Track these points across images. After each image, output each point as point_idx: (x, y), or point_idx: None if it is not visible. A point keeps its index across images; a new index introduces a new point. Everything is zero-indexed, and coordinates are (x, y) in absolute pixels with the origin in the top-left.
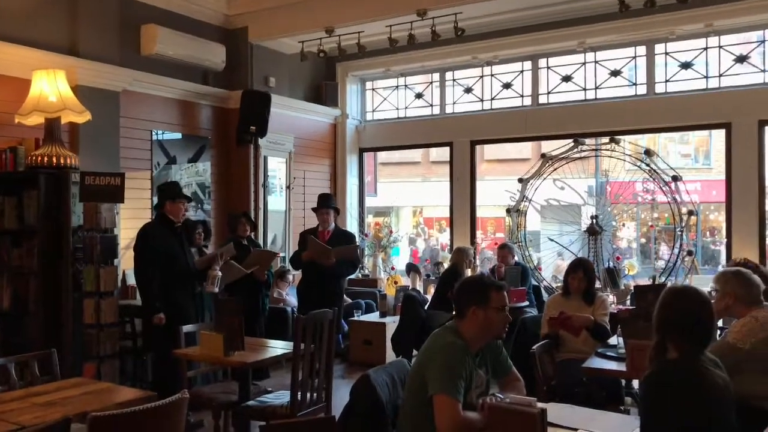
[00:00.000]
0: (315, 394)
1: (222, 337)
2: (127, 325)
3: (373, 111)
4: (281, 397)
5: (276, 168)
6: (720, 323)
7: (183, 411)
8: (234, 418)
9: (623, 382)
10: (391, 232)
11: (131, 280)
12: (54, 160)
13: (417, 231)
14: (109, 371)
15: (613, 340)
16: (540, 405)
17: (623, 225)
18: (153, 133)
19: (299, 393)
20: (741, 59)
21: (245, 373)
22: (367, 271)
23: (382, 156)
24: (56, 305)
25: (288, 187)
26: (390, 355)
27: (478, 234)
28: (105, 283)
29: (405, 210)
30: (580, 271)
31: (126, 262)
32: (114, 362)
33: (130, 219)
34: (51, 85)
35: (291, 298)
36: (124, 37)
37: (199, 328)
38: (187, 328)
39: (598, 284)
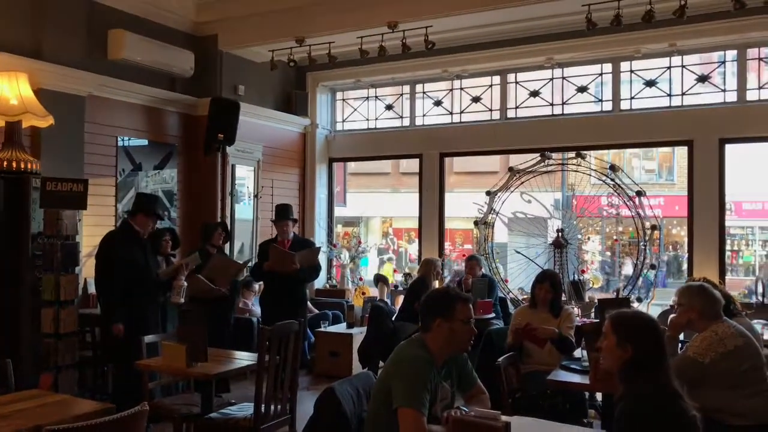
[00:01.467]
0: (279, 407)
1: (185, 348)
2: (87, 334)
3: (344, 121)
4: (245, 409)
5: (244, 176)
6: (681, 336)
7: (142, 424)
8: (196, 431)
9: (587, 394)
10: (359, 242)
11: (92, 289)
12: (14, 164)
13: (386, 242)
14: (67, 382)
15: (577, 352)
16: (505, 418)
17: (588, 238)
18: (119, 139)
19: (263, 405)
20: (703, 79)
21: (208, 385)
22: (334, 282)
23: (352, 166)
24: (13, 314)
25: (256, 196)
26: (357, 367)
27: (447, 246)
28: (65, 291)
29: (374, 221)
30: (546, 282)
31: (87, 270)
32: (72, 373)
33: (94, 226)
34: (12, 88)
35: (256, 309)
36: (91, 41)
37: (162, 338)
38: (148, 338)
39: (564, 297)
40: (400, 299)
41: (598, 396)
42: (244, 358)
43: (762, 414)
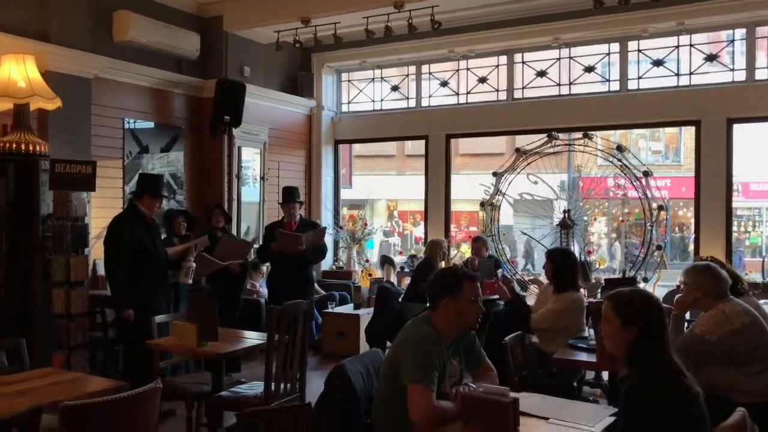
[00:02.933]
0: (289, 385)
1: (195, 328)
2: (97, 315)
3: (349, 103)
4: (255, 387)
5: (250, 159)
6: (687, 316)
7: (156, 401)
8: (207, 409)
9: (584, 373)
10: (366, 224)
11: (101, 270)
12: (23, 147)
13: (391, 224)
14: (79, 361)
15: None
16: (512, 394)
17: (595, 220)
18: (125, 121)
19: (273, 384)
20: (711, 58)
21: (218, 364)
22: (341, 264)
23: (357, 149)
24: (25, 294)
25: (262, 178)
26: (363, 347)
27: (452, 228)
28: (75, 272)
29: (380, 203)
30: (548, 261)
31: (96, 252)
32: (83, 352)
33: (101, 208)
34: (20, 71)
35: (264, 290)
36: (97, 23)
37: (172, 318)
38: (159, 318)
39: None
40: (406, 280)
41: (605, 375)
42: (253, 338)
43: (766, 391)
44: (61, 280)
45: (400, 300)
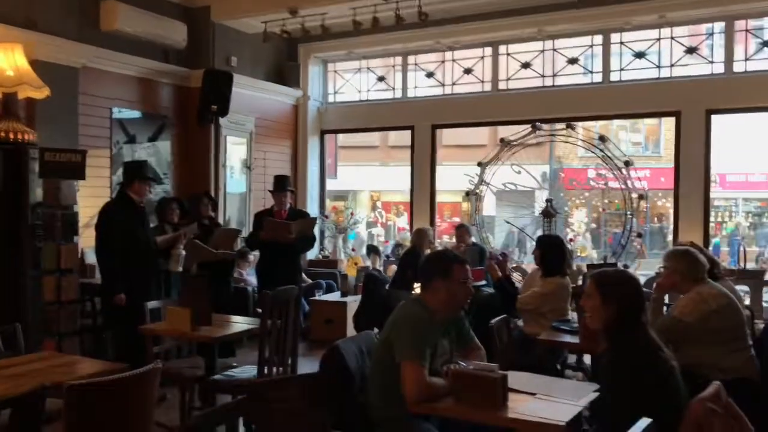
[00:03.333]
0: (281, 368)
1: (189, 312)
2: (87, 303)
3: (335, 93)
4: (247, 371)
5: (237, 148)
6: (666, 299)
7: (156, 381)
8: (201, 392)
9: (567, 356)
10: (352, 214)
11: (90, 259)
12: (11, 135)
13: (375, 215)
14: (70, 348)
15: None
16: (501, 372)
17: (576, 209)
18: (113, 110)
19: (266, 367)
20: (691, 50)
21: (211, 349)
22: (327, 253)
23: (341, 139)
24: (16, 282)
25: (249, 168)
26: (351, 333)
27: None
28: (65, 260)
29: (363, 194)
30: (537, 247)
31: (85, 241)
32: (74, 339)
33: (89, 197)
34: (8, 59)
35: (251, 278)
36: (84, 12)
37: (164, 304)
38: (151, 304)
39: None
40: (392, 268)
41: (586, 359)
42: (245, 323)
43: (742, 369)
44: (51, 267)
45: (387, 287)
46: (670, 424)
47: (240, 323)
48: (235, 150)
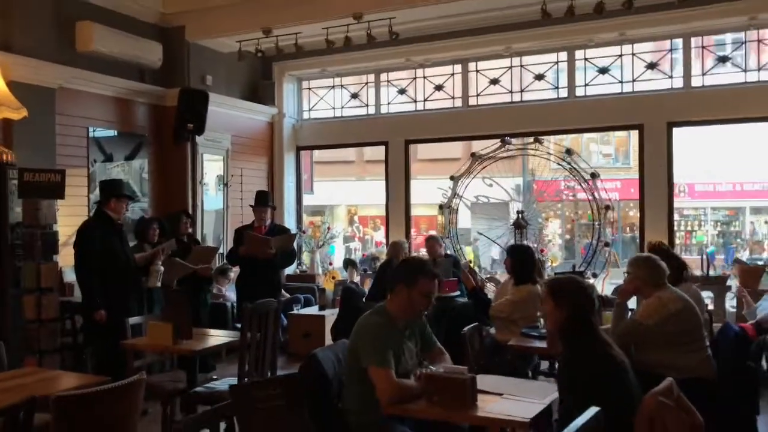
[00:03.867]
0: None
1: (171, 326)
2: (67, 321)
3: (310, 110)
4: (227, 383)
5: (213, 165)
6: (633, 304)
7: (140, 393)
8: (182, 404)
9: (538, 362)
10: (329, 229)
11: (69, 277)
12: None
13: (352, 230)
14: (50, 365)
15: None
16: (470, 374)
17: (547, 220)
18: (89, 130)
19: (245, 379)
20: (652, 66)
21: (193, 362)
22: (305, 267)
23: (317, 155)
24: None
25: (225, 185)
26: None
27: (412, 232)
28: (45, 279)
29: (339, 209)
30: (508, 256)
31: (63, 259)
32: (55, 356)
33: (68, 216)
34: None
35: (230, 294)
36: (60, 33)
37: (146, 319)
38: (133, 320)
39: None
40: (368, 282)
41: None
42: (225, 336)
43: (698, 369)
44: (31, 286)
45: (364, 300)
46: (624, 417)
47: (220, 336)
48: (211, 167)
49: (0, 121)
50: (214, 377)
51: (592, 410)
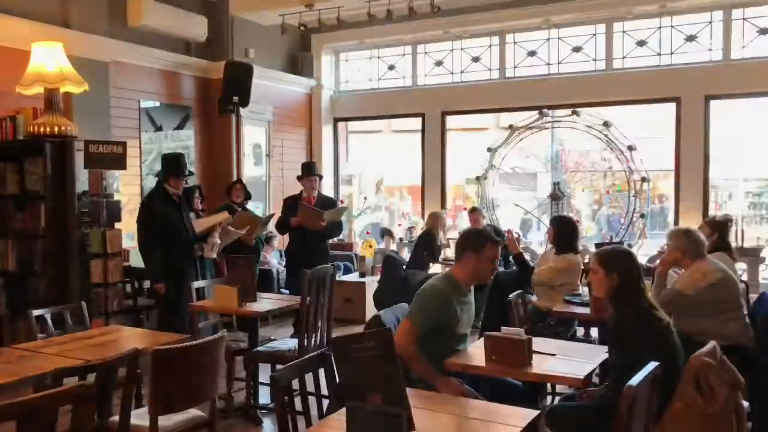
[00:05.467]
0: (318, 340)
1: (237, 290)
2: (127, 284)
3: (347, 82)
4: (286, 344)
5: (256, 137)
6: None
7: (222, 348)
8: (245, 363)
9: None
10: (365, 199)
11: (126, 243)
12: (56, 129)
13: (380, 199)
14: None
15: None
16: (526, 336)
17: (582, 190)
18: (140, 102)
19: (305, 339)
20: (690, 38)
21: (254, 324)
22: (342, 236)
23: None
24: (63, 265)
25: (268, 156)
26: (370, 311)
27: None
28: (111, 244)
29: (367, 179)
30: (551, 226)
31: (122, 227)
32: (119, 318)
33: (123, 185)
34: (51, 57)
35: (273, 260)
36: (112, 9)
37: (212, 282)
38: (197, 284)
39: None
40: (405, 250)
41: (593, 332)
42: (285, 300)
43: (736, 336)
44: (98, 251)
45: (404, 268)
46: (669, 373)
47: (280, 300)
48: (254, 138)
49: (62, 95)
50: (273, 338)
51: (652, 364)
